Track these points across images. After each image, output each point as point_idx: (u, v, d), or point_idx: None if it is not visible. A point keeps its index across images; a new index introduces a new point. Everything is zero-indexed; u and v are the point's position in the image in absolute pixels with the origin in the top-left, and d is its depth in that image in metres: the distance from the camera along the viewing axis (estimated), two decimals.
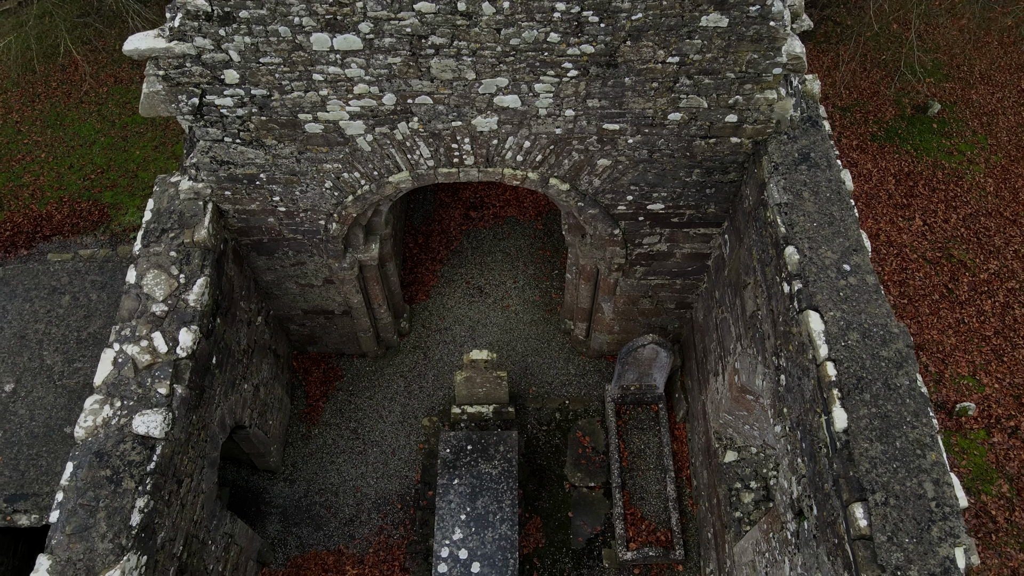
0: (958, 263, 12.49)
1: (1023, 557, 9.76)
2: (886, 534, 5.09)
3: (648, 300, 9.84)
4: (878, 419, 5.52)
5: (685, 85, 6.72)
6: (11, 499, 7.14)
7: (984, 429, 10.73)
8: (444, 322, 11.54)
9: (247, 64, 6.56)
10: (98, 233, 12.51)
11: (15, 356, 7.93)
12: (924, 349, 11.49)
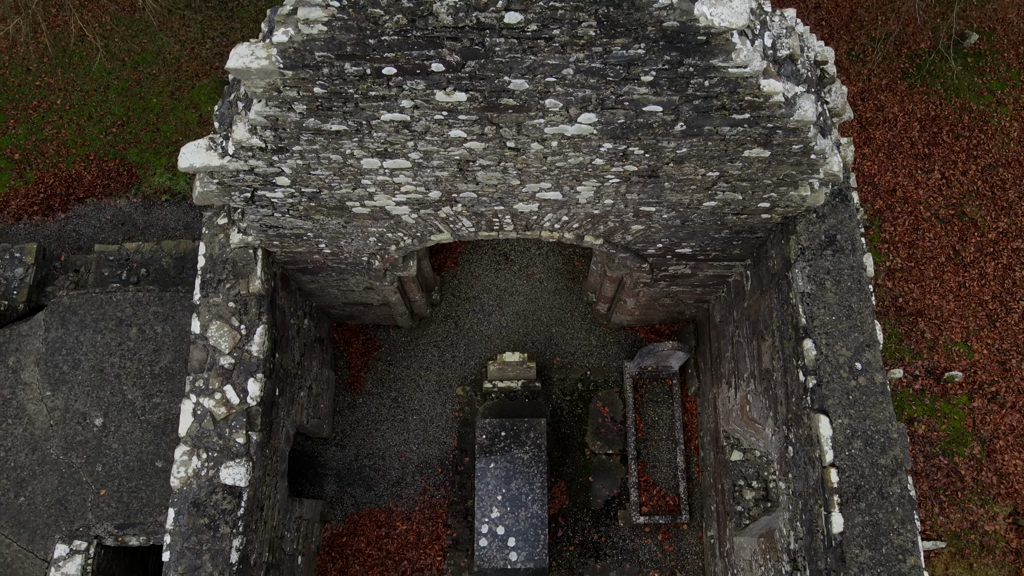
0: (969, 222, 12.86)
1: (982, 511, 11.27)
2: None
3: (669, 299, 10.47)
4: (870, 527, 6.52)
5: (722, 188, 6.94)
6: (121, 526, 8.37)
7: (967, 394, 11.81)
8: (473, 291, 12.21)
9: (298, 175, 6.75)
10: (130, 195, 12.76)
11: (98, 390, 8.78)
12: (923, 315, 12.25)
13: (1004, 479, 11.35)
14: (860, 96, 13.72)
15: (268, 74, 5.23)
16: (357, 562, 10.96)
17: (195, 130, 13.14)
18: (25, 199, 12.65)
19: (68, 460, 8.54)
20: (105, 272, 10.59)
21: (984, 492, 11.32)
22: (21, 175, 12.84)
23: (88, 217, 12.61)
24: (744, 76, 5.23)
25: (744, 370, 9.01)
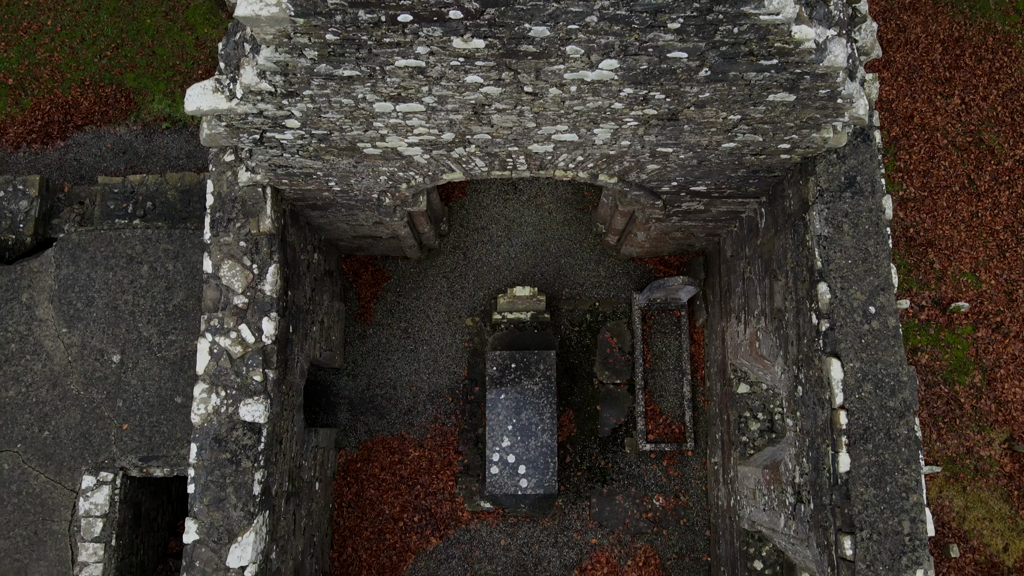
0: (986, 149, 12.63)
1: (979, 438, 11.58)
2: (866, 562, 6.57)
3: (680, 233, 10.41)
4: (876, 467, 6.71)
5: (743, 130, 6.77)
6: (145, 459, 8.62)
7: (972, 325, 11.92)
8: (481, 221, 12.12)
9: (308, 118, 6.57)
10: (129, 123, 12.48)
11: (114, 328, 8.85)
12: (933, 245, 12.21)
13: (1002, 407, 11.60)
14: (881, 15, 13.20)
15: (278, 21, 5.01)
16: (372, 486, 11.35)
17: (192, 53, 12.71)
18: (23, 127, 12.37)
19: (89, 395, 8.71)
20: (111, 205, 10.49)
21: (982, 419, 11.60)
22: (17, 101, 12.51)
23: (88, 145, 12.37)
24: (775, 23, 5.02)
25: (755, 307, 9.05)
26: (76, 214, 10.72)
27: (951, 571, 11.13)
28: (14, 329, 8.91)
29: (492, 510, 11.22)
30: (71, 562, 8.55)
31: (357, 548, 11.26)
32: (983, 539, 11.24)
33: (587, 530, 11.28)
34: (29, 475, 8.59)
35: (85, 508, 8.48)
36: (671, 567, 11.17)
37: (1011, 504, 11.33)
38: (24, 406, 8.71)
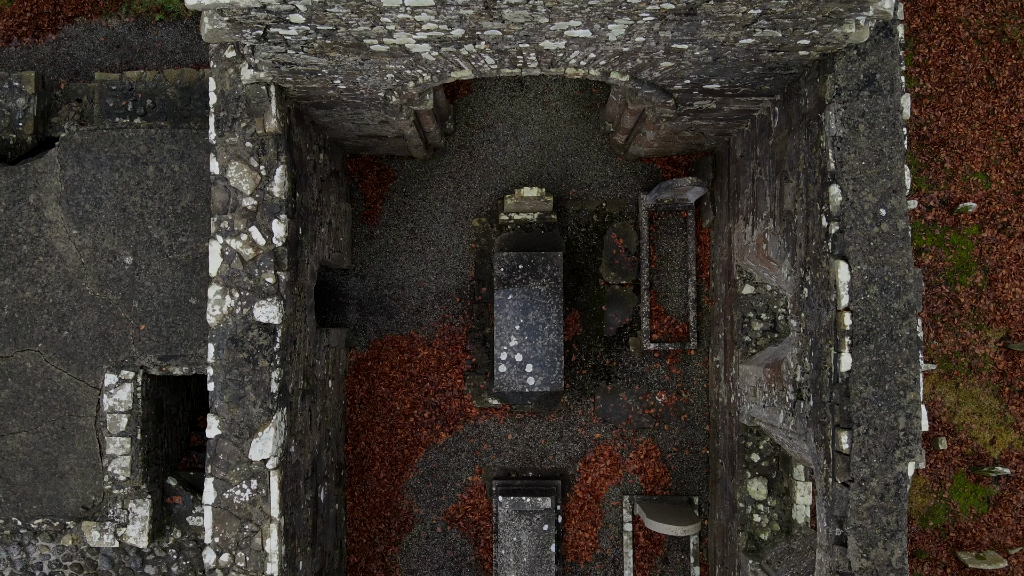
0: (1008, 42, 12.21)
1: (975, 336, 11.82)
2: (861, 455, 6.87)
3: (689, 132, 10.24)
4: (876, 366, 6.90)
5: (763, 25, 6.55)
6: (164, 358, 8.85)
7: (978, 225, 11.93)
8: (487, 119, 11.90)
9: (314, 11, 6.35)
10: (121, 14, 12.02)
11: (124, 229, 8.87)
12: (946, 144, 12.03)
13: (1001, 306, 11.78)
14: None
15: None
16: (382, 384, 11.69)
17: None
18: (11, 19, 11.94)
19: (105, 296, 8.83)
20: (109, 103, 10.27)
21: (980, 318, 11.80)
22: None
23: (80, 39, 11.98)
24: None
25: (763, 208, 9.03)
26: (75, 112, 10.51)
27: (938, 462, 11.62)
28: (24, 231, 8.94)
29: (500, 407, 11.61)
30: (99, 455, 8.93)
31: (370, 442, 11.72)
32: (971, 432, 11.67)
33: (591, 425, 11.70)
34: (52, 373, 8.83)
35: (109, 404, 8.78)
36: (671, 459, 11.67)
37: (1001, 400, 11.70)
38: (42, 307, 8.85)
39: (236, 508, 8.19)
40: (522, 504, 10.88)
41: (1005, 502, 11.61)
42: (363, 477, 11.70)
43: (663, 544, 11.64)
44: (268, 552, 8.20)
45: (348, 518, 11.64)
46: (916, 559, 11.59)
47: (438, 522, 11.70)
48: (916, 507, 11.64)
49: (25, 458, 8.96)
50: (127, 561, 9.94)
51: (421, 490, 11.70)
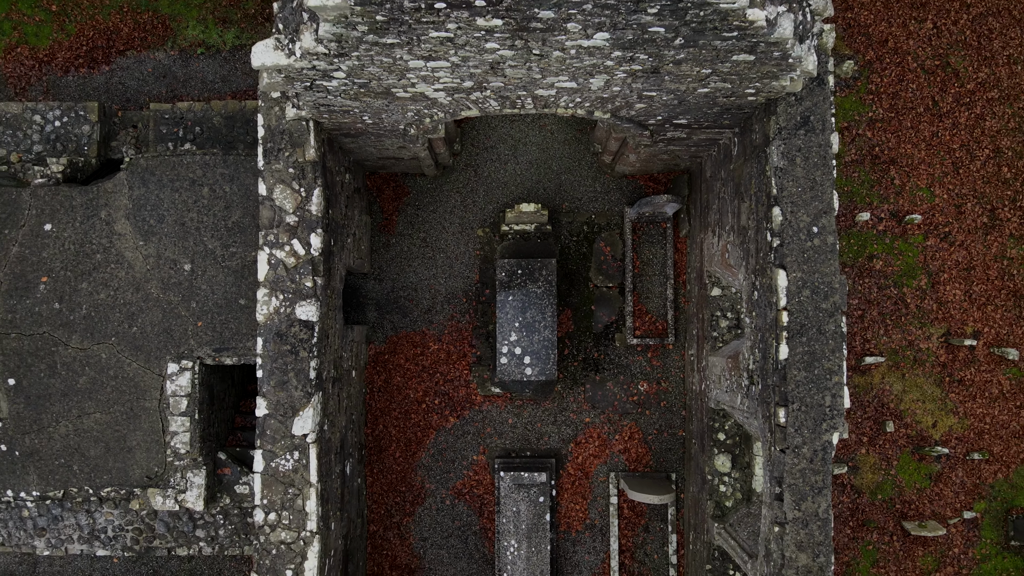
0: (952, 72, 13.79)
1: (920, 332, 13.39)
2: (795, 427, 8.46)
3: (666, 155, 11.82)
4: (808, 355, 8.48)
5: (714, 80, 8.13)
6: (217, 350, 10.44)
7: (923, 234, 13.50)
8: (490, 141, 13.47)
9: (353, 71, 7.93)
10: (167, 48, 13.59)
11: (183, 241, 10.45)
12: (895, 163, 13.60)
13: (943, 306, 13.36)
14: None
15: (341, 8, 6.33)
16: (398, 374, 13.27)
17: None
18: (70, 52, 13.51)
19: (167, 298, 10.41)
20: (163, 130, 11.87)
21: (924, 317, 13.38)
22: (62, 27, 13.58)
23: (131, 70, 13.55)
24: (732, 9, 6.34)
25: (726, 223, 10.62)
26: (131, 137, 12.11)
27: (886, 443, 13.21)
28: (97, 242, 10.52)
29: (501, 394, 13.19)
30: (162, 432, 10.51)
31: (387, 425, 13.30)
32: (916, 417, 13.26)
33: (582, 411, 13.29)
34: (123, 363, 10.42)
35: (172, 389, 10.37)
36: (652, 440, 13.25)
37: (942, 388, 13.28)
38: (114, 306, 10.43)
39: (281, 475, 9.77)
40: (521, 479, 12.46)
41: (945, 478, 13.20)
42: (381, 456, 13.29)
43: (644, 515, 13.22)
44: (308, 512, 9.78)
45: (368, 491, 13.22)
46: (866, 527, 13.18)
47: (447, 496, 13.28)
48: (867, 482, 13.23)
49: (98, 435, 10.54)
50: (181, 525, 11.53)
51: (432, 467, 13.29)
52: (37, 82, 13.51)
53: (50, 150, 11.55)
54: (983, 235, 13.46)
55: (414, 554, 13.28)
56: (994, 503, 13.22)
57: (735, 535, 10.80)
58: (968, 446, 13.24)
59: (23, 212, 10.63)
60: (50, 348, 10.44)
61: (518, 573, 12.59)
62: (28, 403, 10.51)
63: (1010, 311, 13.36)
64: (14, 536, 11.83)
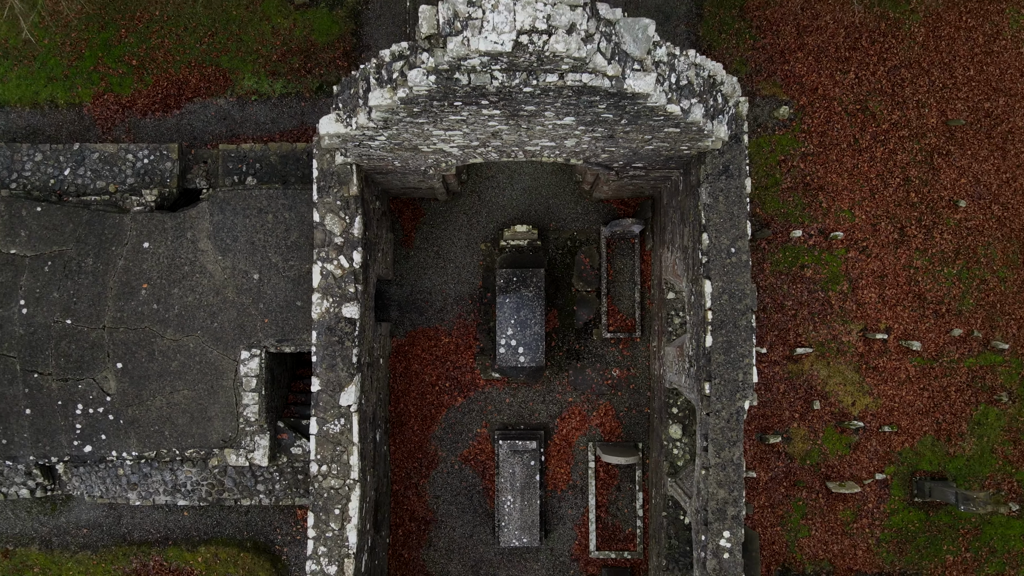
0: (870, 115, 16.77)
1: (842, 328, 16.37)
2: (716, 396, 11.44)
3: (632, 186, 14.82)
4: (726, 343, 11.46)
5: (655, 141, 11.13)
6: (279, 340, 13.44)
7: (845, 248, 16.48)
8: (491, 172, 16.45)
9: (391, 136, 10.92)
10: (227, 96, 16.58)
11: (252, 256, 13.44)
12: (823, 189, 16.58)
13: (861, 307, 16.34)
14: (801, 7, 16.99)
15: (391, 106, 9.32)
16: (416, 362, 16.27)
17: (269, 39, 16.61)
18: (148, 98, 16.50)
19: (240, 300, 13.40)
20: (229, 166, 14.86)
21: (845, 315, 16.36)
22: (141, 78, 16.57)
23: (197, 113, 16.54)
24: (657, 106, 9.33)
25: (676, 242, 13.60)
26: (203, 171, 15.10)
27: (814, 418, 16.20)
28: (185, 256, 13.50)
29: (500, 378, 16.17)
30: (236, 404, 13.50)
31: (407, 404, 16.30)
32: (838, 397, 16.24)
33: (566, 392, 16.28)
34: (206, 351, 13.41)
35: (244, 371, 13.36)
36: (623, 416, 16.25)
37: (860, 374, 16.26)
38: (199, 307, 13.42)
39: (331, 436, 12.76)
40: (516, 446, 15.45)
41: (861, 447, 16.19)
42: (402, 429, 16.28)
43: (617, 477, 16.21)
44: (351, 464, 12.77)
45: (392, 457, 16.22)
46: (797, 487, 16.17)
47: (456, 461, 16.28)
48: (798, 450, 16.22)
49: (186, 407, 13.53)
50: (245, 480, 14.53)
51: (443, 438, 16.28)
52: (120, 123, 16.50)
53: (140, 182, 14.55)
54: (894, 249, 16.45)
55: (429, 509, 16.28)
56: (901, 467, 16.21)
57: (682, 485, 13.78)
58: (880, 421, 16.24)
59: (126, 233, 13.62)
60: (149, 339, 13.43)
61: (513, 524, 15.58)
62: (131, 382, 13.51)
63: (915, 311, 16.35)
64: (111, 490, 14.84)
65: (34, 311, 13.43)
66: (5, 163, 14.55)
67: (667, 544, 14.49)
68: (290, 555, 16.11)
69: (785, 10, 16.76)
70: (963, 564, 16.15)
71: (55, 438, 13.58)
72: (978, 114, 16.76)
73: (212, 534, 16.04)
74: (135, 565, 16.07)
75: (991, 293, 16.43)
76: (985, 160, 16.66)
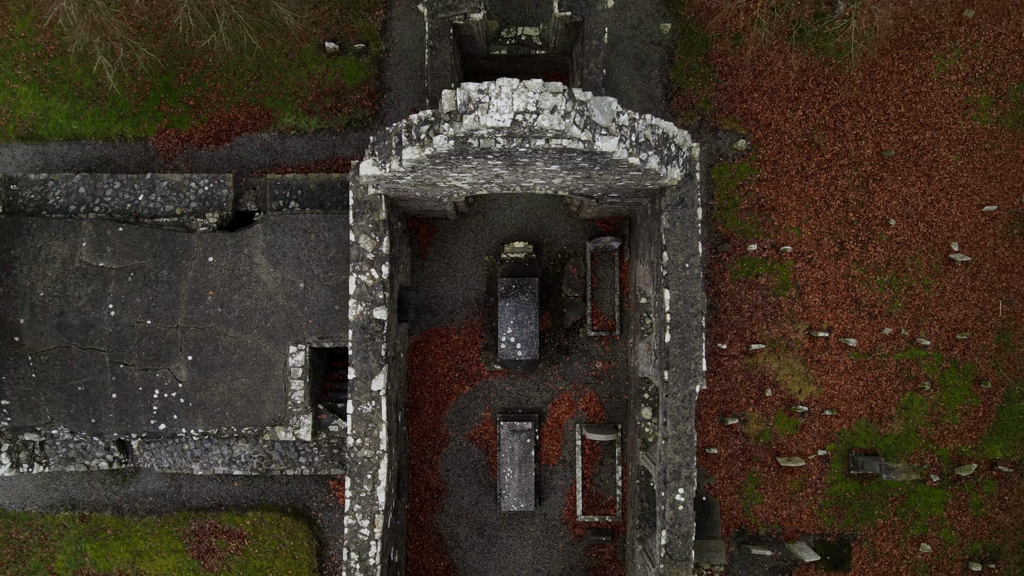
0: (815, 146, 19.73)
1: (790, 327, 19.33)
2: (673, 382, 14.42)
3: (611, 209, 17.81)
4: (680, 339, 14.44)
5: (624, 180, 14.11)
6: (320, 337, 16.45)
7: (793, 259, 19.45)
8: (493, 197, 19.42)
9: (415, 176, 13.91)
10: (270, 131, 19.56)
11: (298, 268, 16.43)
12: (775, 210, 19.55)
13: (806, 309, 19.30)
14: (757, 55, 19.95)
15: (419, 159, 12.31)
16: (430, 356, 19.25)
17: (306, 83, 19.57)
18: (203, 133, 19.47)
19: (288, 305, 16.38)
20: (275, 192, 17.83)
21: (794, 317, 19.33)
22: (197, 116, 19.54)
23: (245, 146, 19.51)
24: (620, 159, 12.31)
25: (646, 257, 16.58)
26: (253, 196, 18.07)
27: (766, 403, 19.17)
28: (243, 269, 16.48)
29: (501, 370, 19.15)
30: (284, 390, 16.48)
31: (423, 391, 19.28)
32: (787, 386, 19.21)
33: (556, 381, 19.25)
34: (261, 346, 16.39)
35: (291, 363, 16.34)
36: (605, 402, 19.22)
37: (805, 366, 19.24)
38: (255, 310, 16.40)
39: (364, 415, 15.73)
40: (514, 426, 18.43)
41: (806, 428, 19.16)
42: (418, 412, 19.26)
43: (600, 453, 19.19)
44: (380, 438, 15.75)
45: (410, 436, 19.21)
46: (751, 461, 19.14)
47: (464, 440, 19.25)
48: (752, 431, 19.19)
49: (243, 392, 16.50)
50: (290, 453, 17.52)
51: (453, 421, 19.26)
52: (180, 154, 19.49)
53: (202, 206, 17.52)
54: (835, 260, 19.43)
55: (441, 480, 19.26)
56: (840, 445, 19.19)
57: (650, 456, 16.77)
58: (822, 406, 19.22)
59: (194, 249, 16.61)
60: (214, 337, 16.42)
61: (512, 492, 18.55)
62: (199, 372, 16.49)
63: (852, 313, 19.33)
64: (177, 462, 17.83)
65: (120, 313, 16.43)
66: (89, 190, 17.52)
67: (640, 507, 17.47)
68: (323, 519, 19.10)
69: (743, 57, 19.72)
70: (891, 526, 19.13)
71: (136, 418, 16.57)
72: (907, 145, 19.73)
73: (258, 501, 19.03)
74: (193, 527, 19.05)
75: (916, 298, 19.41)
76: (913, 185, 19.64)
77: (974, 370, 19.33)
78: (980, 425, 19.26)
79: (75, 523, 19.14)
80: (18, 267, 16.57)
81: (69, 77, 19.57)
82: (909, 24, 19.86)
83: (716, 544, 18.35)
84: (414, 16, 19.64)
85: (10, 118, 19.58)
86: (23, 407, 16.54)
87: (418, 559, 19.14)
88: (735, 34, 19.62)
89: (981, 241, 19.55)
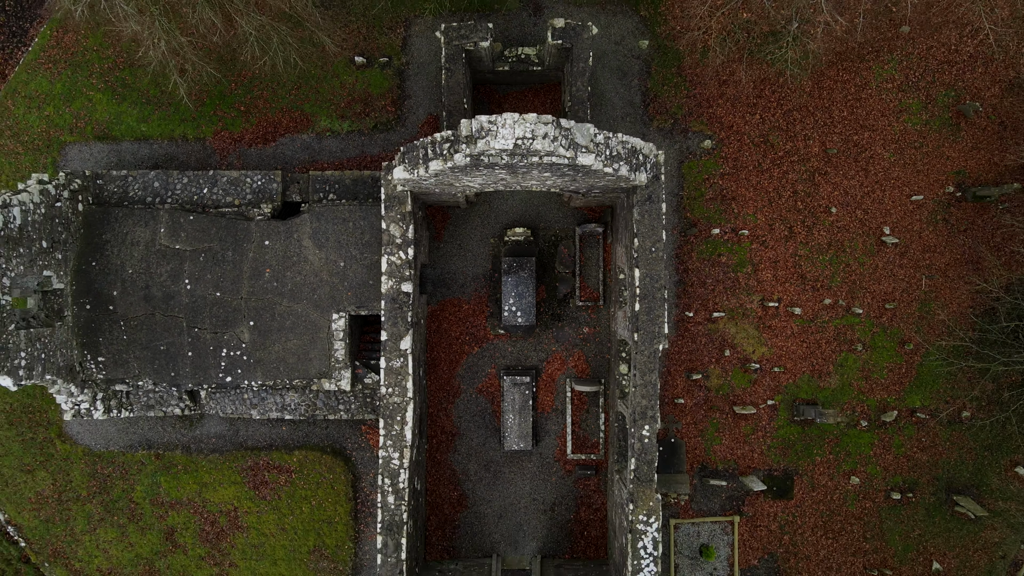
0: (769, 145, 23.29)
1: (746, 299, 23.06)
2: (641, 341, 18.20)
3: (597, 200, 21.46)
4: (647, 308, 18.20)
5: (603, 180, 17.76)
6: (358, 306, 20.28)
7: (750, 241, 23.12)
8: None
9: (437, 179, 17.56)
10: (308, 132, 23.11)
11: (339, 250, 20.15)
12: (735, 199, 23.16)
13: (760, 283, 23.03)
14: (721, 66, 23.38)
15: (442, 170, 15.95)
16: (445, 323, 23.05)
17: (339, 92, 23.07)
18: (252, 135, 23.02)
19: (332, 280, 20.12)
20: (317, 186, 21.47)
21: (750, 290, 23.06)
22: (247, 120, 23.06)
23: (287, 145, 23.07)
24: (597, 169, 15.95)
25: (623, 241, 20.27)
26: (297, 189, 21.71)
27: (725, 362, 22.99)
28: (294, 251, 20.19)
29: (504, 334, 22.94)
30: (328, 349, 20.29)
31: (439, 352, 23.11)
32: (743, 348, 23.01)
33: (550, 343, 23.07)
34: (310, 313, 20.17)
35: (334, 328, 20.14)
36: (591, 361, 23.06)
37: (759, 331, 23.02)
38: (304, 285, 20.15)
39: (394, 369, 19.56)
40: (515, 380, 22.28)
41: (758, 382, 23.01)
42: (435, 369, 23.12)
43: (586, 404, 23.07)
44: (407, 388, 19.59)
45: (428, 388, 23.09)
46: (712, 410, 23.01)
47: (473, 392, 23.12)
48: (713, 384, 23.04)
49: (295, 351, 20.31)
50: (332, 401, 21.40)
51: (464, 376, 23.11)
52: (233, 152, 23.07)
53: (256, 198, 21.16)
54: (784, 242, 23.11)
55: (454, 425, 23.18)
56: (786, 396, 23.05)
57: (626, 404, 20.63)
58: (772, 364, 23.04)
59: (253, 235, 20.31)
60: (271, 306, 20.19)
61: (514, 434, 22.46)
62: (259, 334, 20.28)
63: (798, 286, 23.06)
64: (238, 409, 21.71)
65: (194, 287, 20.18)
66: (162, 184, 21.15)
67: (617, 446, 21.39)
68: (357, 457, 23.04)
69: (710, 69, 23.17)
70: (827, 463, 23.08)
71: (207, 372, 20.41)
72: (848, 144, 23.28)
73: (303, 442, 22.96)
74: (249, 463, 23.00)
75: (853, 274, 23.13)
76: (852, 178, 23.23)
77: (899, 334, 23.11)
78: (903, 380, 23.10)
79: (151, 460, 23.09)
80: (110, 249, 20.29)
81: (137, 86, 23.06)
82: (852, 40, 23.28)
83: (682, 478, 22.30)
84: (430, 34, 23.08)
85: (88, 121, 23.12)
86: (116, 363, 20.36)
87: (436, 489, 23.14)
88: (703, 50, 23.06)
89: (909, 226, 23.20)
